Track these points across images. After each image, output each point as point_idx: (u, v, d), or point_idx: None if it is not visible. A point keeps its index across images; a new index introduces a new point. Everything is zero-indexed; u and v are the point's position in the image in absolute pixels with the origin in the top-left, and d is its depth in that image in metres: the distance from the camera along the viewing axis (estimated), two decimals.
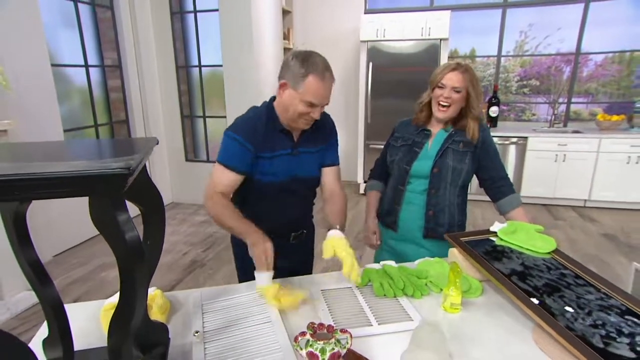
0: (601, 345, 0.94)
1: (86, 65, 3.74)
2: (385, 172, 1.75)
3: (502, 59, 5.20)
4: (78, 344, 0.91)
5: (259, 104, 1.53)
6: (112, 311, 1.07)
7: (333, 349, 0.83)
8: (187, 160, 4.74)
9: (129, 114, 4.26)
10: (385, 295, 1.21)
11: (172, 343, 0.98)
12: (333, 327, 0.87)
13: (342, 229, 1.34)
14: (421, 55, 4.52)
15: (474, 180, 1.66)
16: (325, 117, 1.50)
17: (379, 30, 4.57)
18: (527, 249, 1.35)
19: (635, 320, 1.03)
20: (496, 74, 5.23)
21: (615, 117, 4.57)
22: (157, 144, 0.87)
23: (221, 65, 4.29)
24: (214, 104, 4.60)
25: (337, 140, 1.55)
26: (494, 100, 4.78)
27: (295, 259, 1.57)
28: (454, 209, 1.61)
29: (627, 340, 0.96)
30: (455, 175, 1.57)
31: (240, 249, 1.52)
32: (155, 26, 4.38)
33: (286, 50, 5.18)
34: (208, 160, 4.73)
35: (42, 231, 3.11)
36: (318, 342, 0.83)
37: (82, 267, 3.19)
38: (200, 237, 3.76)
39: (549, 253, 1.33)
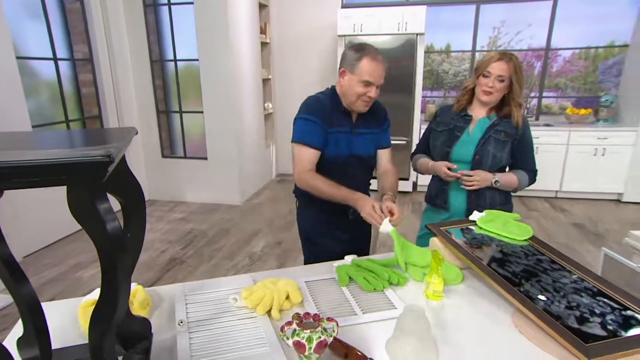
0: (576, 326, 0.98)
1: (55, 59, 3.60)
2: (427, 151, 1.86)
3: (477, 54, 5.31)
4: (55, 343, 0.88)
5: (236, 99, 1.65)
6: (92, 308, 1.03)
7: (320, 337, 0.83)
8: (163, 156, 4.63)
9: (102, 109, 4.12)
10: (374, 289, 1.20)
11: (155, 338, 0.96)
12: (319, 315, 0.87)
13: (394, 197, 1.58)
14: (398, 50, 4.56)
15: None
16: (378, 104, 1.69)
17: (356, 25, 4.58)
18: (505, 237, 1.39)
19: (606, 300, 1.08)
20: (471, 68, 5.33)
21: (582, 111, 4.74)
22: (137, 134, 0.84)
23: (197, 60, 4.21)
24: (190, 99, 4.50)
25: (389, 125, 1.74)
26: None
27: (354, 236, 1.74)
28: (493, 192, 1.70)
29: (599, 320, 1.00)
30: (494, 163, 1.67)
31: (309, 234, 1.76)
32: (127, 18, 4.25)
33: (263, 44, 5.13)
34: (185, 157, 4.64)
35: (11, 231, 2.99)
36: (305, 331, 0.83)
37: (55, 267, 3.08)
38: (179, 235, 3.69)
39: (526, 240, 1.38)
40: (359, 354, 0.90)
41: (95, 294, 1.11)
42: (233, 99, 4.20)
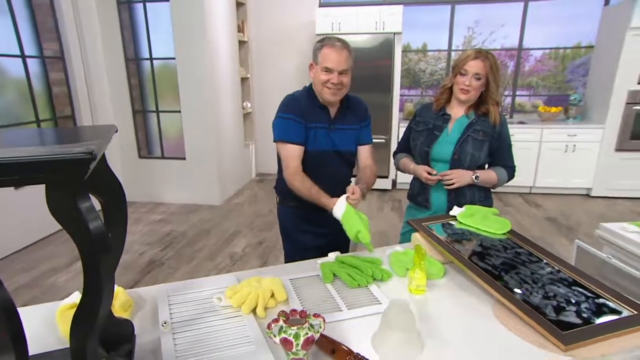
0: (554, 315, 1.01)
1: (22, 56, 3.46)
2: (409, 149, 1.89)
3: (452, 53, 5.41)
4: (31, 349, 0.84)
5: (214, 98, 1.70)
6: (71, 311, 1.01)
7: (307, 333, 0.83)
8: (140, 157, 4.53)
9: (75, 108, 3.99)
10: (359, 285, 1.21)
11: (138, 340, 0.94)
12: (306, 312, 0.87)
13: (365, 189, 1.59)
14: (376, 49, 4.60)
15: None
16: (358, 101, 1.75)
17: (334, 23, 4.60)
18: (485, 231, 1.42)
19: (580, 290, 1.12)
20: (447, 67, 5.43)
21: (554, 109, 4.90)
22: (117, 131, 0.82)
23: (174, 58, 4.14)
24: (167, 98, 4.42)
25: (370, 122, 1.78)
26: None
27: (334, 231, 1.65)
28: (473, 189, 1.74)
29: (574, 309, 1.04)
30: (472, 162, 1.69)
31: (288, 230, 1.80)
32: (100, 15, 4.13)
33: (241, 43, 5.08)
34: (163, 157, 4.56)
35: None
36: (292, 327, 0.83)
37: (27, 272, 2.97)
38: (157, 236, 3.62)
39: (504, 234, 1.41)
40: (346, 349, 0.90)
41: (74, 297, 1.08)
42: (211, 98, 4.15)
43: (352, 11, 4.59)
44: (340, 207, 1.43)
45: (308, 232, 1.76)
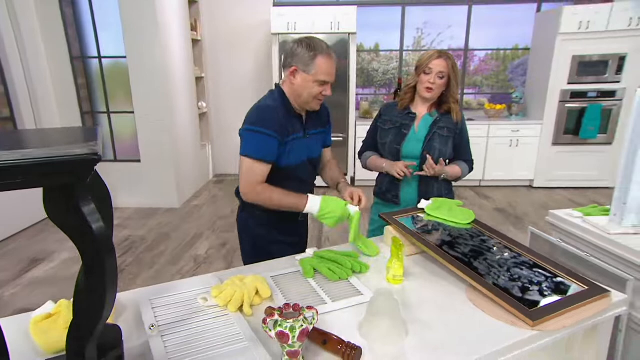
0: (520, 295, 1.11)
1: None
2: (375, 147, 1.94)
3: (404, 53, 5.61)
4: None
5: (168, 98, 1.57)
6: (44, 322, 0.97)
7: (302, 325, 0.85)
8: None
9: (15, 109, 3.71)
10: (340, 278, 1.25)
11: (124, 346, 0.92)
12: (299, 305, 0.90)
13: (347, 181, 1.65)
14: (332, 49, 4.65)
15: None
16: (323, 104, 1.63)
17: (289, 23, 4.61)
18: (452, 222, 1.51)
19: (540, 271, 1.23)
20: (399, 67, 5.62)
21: (498, 106, 5.23)
22: (99, 130, 0.80)
23: (124, 57, 3.96)
24: (119, 99, 4.22)
25: (332, 124, 1.75)
26: (399, 92, 5.14)
27: (300, 238, 1.72)
28: (440, 184, 1.83)
29: (537, 288, 1.15)
30: (440, 157, 1.77)
31: (257, 240, 1.63)
32: (39, 11, 3.86)
33: (194, 42, 4.95)
34: (116, 160, 4.35)
35: None
36: (287, 321, 0.85)
37: None
38: (114, 242, 3.43)
39: (469, 224, 1.51)
40: (337, 339, 0.94)
41: (47, 307, 1.03)
42: (165, 98, 4.02)
43: (307, 11, 4.63)
44: (315, 204, 1.42)
45: (279, 243, 1.62)
